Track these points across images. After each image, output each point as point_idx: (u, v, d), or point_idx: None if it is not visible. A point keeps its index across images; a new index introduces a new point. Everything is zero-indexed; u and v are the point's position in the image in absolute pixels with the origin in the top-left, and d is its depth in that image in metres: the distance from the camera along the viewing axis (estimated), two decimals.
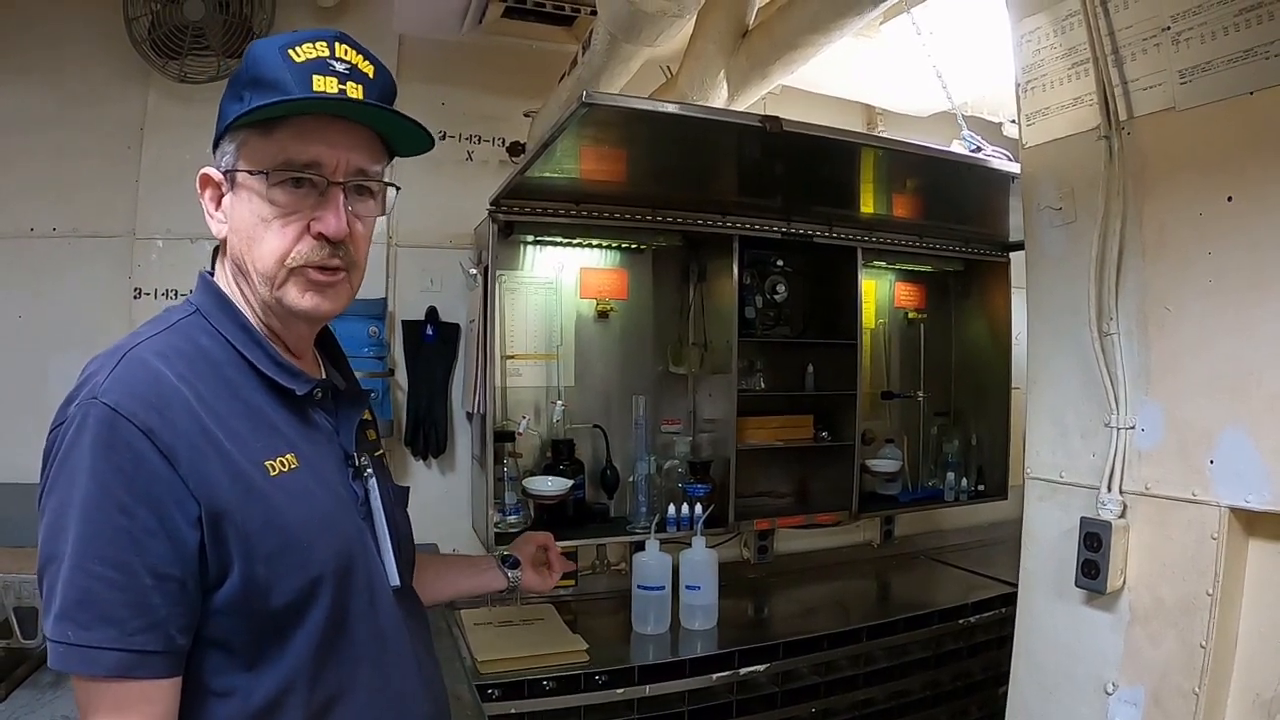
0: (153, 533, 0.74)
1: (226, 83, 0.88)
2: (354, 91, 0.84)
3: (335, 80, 0.83)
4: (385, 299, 2.48)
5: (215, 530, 0.77)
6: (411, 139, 0.91)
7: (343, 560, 0.86)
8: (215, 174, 0.89)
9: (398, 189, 0.94)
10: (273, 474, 0.82)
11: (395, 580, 0.92)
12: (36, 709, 1.54)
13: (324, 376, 0.99)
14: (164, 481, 0.75)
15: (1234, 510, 1.06)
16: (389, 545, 0.93)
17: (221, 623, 0.79)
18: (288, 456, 0.84)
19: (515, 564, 1.32)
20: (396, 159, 0.96)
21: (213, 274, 0.93)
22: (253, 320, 0.89)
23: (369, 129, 0.88)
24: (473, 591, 1.31)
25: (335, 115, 0.85)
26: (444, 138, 2.59)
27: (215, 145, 0.89)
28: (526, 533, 1.41)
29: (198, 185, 0.90)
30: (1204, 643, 1.07)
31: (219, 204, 0.89)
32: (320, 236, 0.85)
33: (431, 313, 2.53)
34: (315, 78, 0.82)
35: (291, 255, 0.85)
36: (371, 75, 0.87)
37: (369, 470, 0.94)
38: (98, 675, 0.72)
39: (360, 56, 0.86)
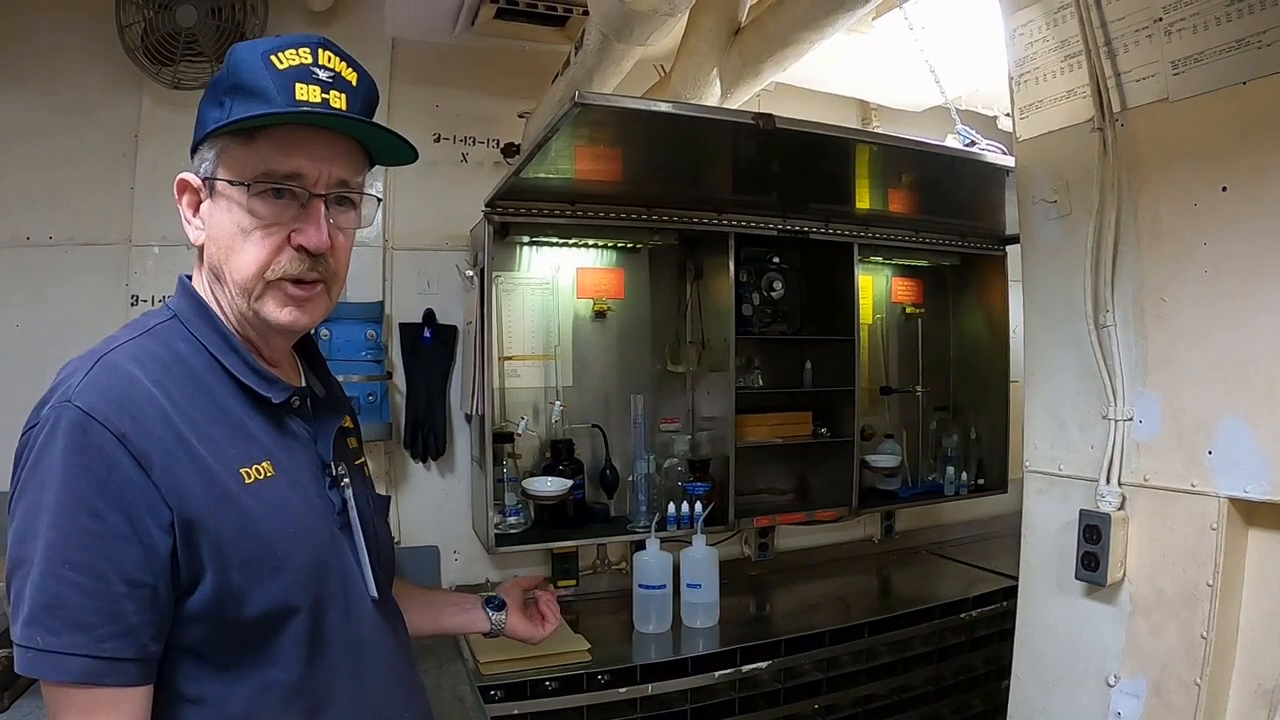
0: (125, 538, 0.72)
1: (207, 85, 0.86)
2: (337, 101, 0.83)
3: (318, 89, 0.82)
4: (382, 302, 2.47)
5: (188, 536, 0.75)
6: (395, 151, 0.90)
7: (319, 569, 0.85)
8: (193, 180, 0.86)
9: (379, 200, 0.93)
10: (248, 481, 0.81)
11: (374, 591, 0.91)
12: (40, 718, 1.54)
13: (303, 383, 0.97)
14: (137, 486, 0.73)
15: (1233, 500, 1.06)
16: (366, 556, 0.92)
17: (194, 630, 0.77)
18: (264, 464, 0.83)
19: (500, 606, 1.25)
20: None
21: (191, 278, 0.91)
22: (229, 327, 0.88)
23: (352, 140, 0.87)
24: (455, 630, 1.25)
25: (319, 126, 0.84)
26: (438, 140, 2.59)
27: (194, 150, 0.86)
28: (517, 577, 1.34)
29: (175, 190, 0.88)
30: (1205, 633, 1.07)
31: (196, 210, 0.87)
32: (301, 249, 0.84)
33: (429, 315, 2.53)
34: (298, 86, 0.81)
35: (271, 268, 0.84)
36: (355, 83, 0.85)
37: (346, 479, 0.92)
38: (65, 681, 0.71)
39: (344, 64, 0.85)
